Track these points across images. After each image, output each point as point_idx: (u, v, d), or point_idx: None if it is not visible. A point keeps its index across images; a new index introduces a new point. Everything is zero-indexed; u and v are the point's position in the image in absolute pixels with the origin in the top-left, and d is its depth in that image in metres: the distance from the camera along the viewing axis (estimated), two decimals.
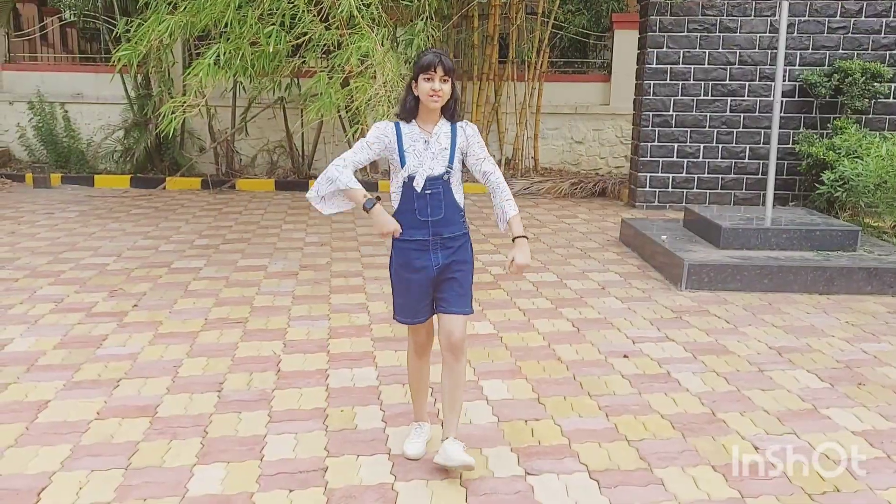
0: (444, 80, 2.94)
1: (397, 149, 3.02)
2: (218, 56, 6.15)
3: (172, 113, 6.40)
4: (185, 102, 6.40)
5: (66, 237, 7.45)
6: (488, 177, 3.12)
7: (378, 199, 3.02)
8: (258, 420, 3.58)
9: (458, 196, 3.10)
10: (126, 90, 11.12)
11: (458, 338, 3.11)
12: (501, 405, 3.79)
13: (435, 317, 3.20)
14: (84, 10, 12.35)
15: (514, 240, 3.11)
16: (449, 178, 3.04)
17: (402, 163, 3.01)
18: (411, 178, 3.01)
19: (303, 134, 11.46)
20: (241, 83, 10.54)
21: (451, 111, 3.04)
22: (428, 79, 2.92)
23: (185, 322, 4.99)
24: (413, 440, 3.28)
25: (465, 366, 3.24)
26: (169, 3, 6.60)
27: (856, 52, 9.01)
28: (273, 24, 6.23)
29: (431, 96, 2.94)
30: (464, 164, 3.14)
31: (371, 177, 11.23)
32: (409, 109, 3.03)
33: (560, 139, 11.89)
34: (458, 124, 3.08)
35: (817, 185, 7.82)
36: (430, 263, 3.06)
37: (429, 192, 3.00)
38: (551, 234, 7.95)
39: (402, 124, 3.05)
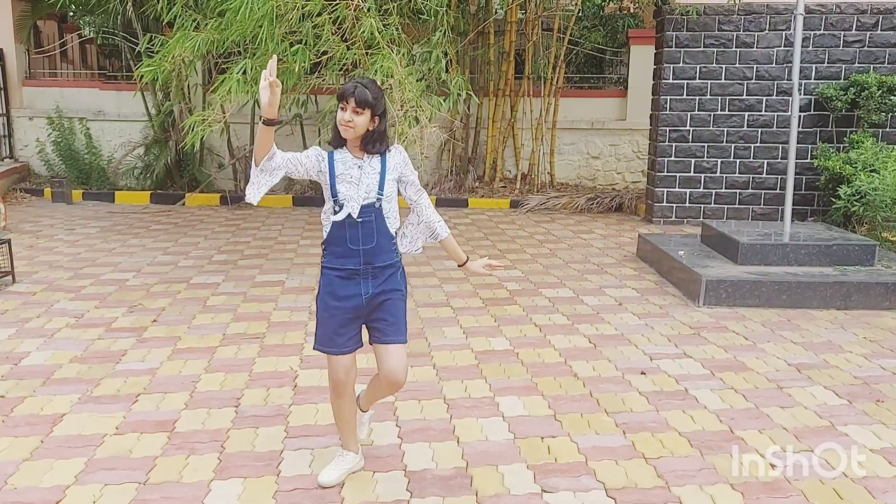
0: (357, 112, 2.86)
1: (329, 177, 2.95)
2: (244, 71, 6.21)
3: (196, 127, 6.46)
4: (206, 119, 6.46)
5: (86, 252, 7.54)
6: (418, 199, 3.15)
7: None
8: (275, 435, 3.60)
9: (392, 224, 3.03)
10: (147, 107, 11.27)
11: (402, 366, 3.03)
12: (517, 421, 3.79)
13: (361, 351, 3.13)
14: (103, 28, 12.54)
15: (462, 265, 3.25)
16: (381, 206, 2.98)
17: (334, 192, 2.95)
18: (342, 207, 2.94)
19: None
20: (258, 101, 10.63)
21: (370, 145, 2.95)
22: (342, 108, 2.88)
23: (204, 337, 5.03)
24: (331, 467, 3.17)
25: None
26: (193, 21, 6.69)
27: (872, 66, 8.97)
28: (298, 41, 6.28)
29: (342, 126, 2.89)
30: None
31: None
32: (337, 136, 2.97)
33: (576, 154, 11.89)
34: (388, 151, 3.02)
35: (834, 200, 7.77)
36: (360, 292, 2.98)
37: (360, 220, 2.94)
38: (567, 250, 7.94)
39: (336, 152, 2.99)
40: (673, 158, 9.42)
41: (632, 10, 12.89)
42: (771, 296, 5.87)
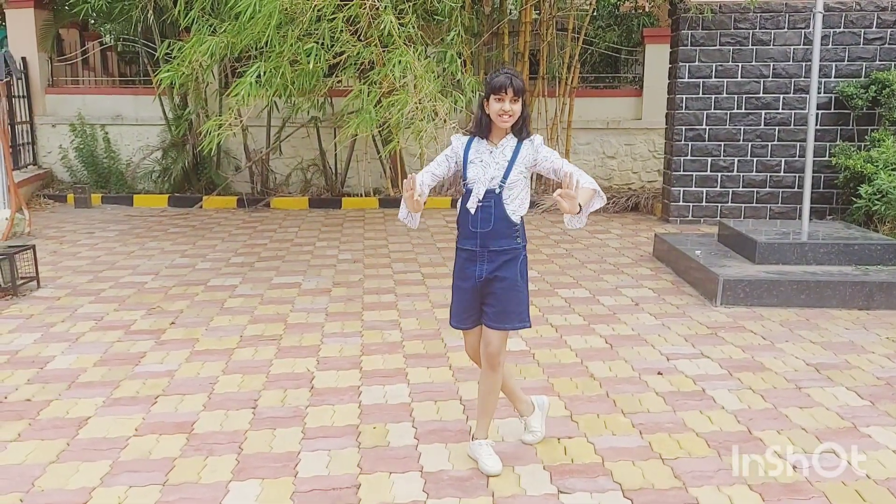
0: (514, 101, 3.03)
1: (463, 158, 3.16)
2: (259, 75, 6.24)
3: (213, 131, 6.50)
4: (223, 123, 6.50)
5: (106, 256, 7.62)
6: (559, 172, 3.12)
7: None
8: (292, 437, 3.62)
9: (513, 210, 3.14)
10: (164, 111, 11.37)
11: (492, 350, 3.22)
12: None
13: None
14: (123, 35, 12.67)
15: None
16: (501, 192, 3.10)
17: (465, 174, 3.14)
18: (469, 191, 3.13)
19: (336, 153, 11.59)
20: (276, 103, 10.69)
21: (518, 128, 3.13)
22: (499, 99, 3.03)
23: (221, 339, 5.06)
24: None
25: (499, 377, 3.31)
26: (210, 25, 6.73)
27: (893, 64, 8.86)
28: (313, 42, 6.31)
29: (501, 116, 3.05)
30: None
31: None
32: (484, 127, 3.14)
33: (592, 154, 11.86)
34: (526, 140, 3.14)
35: (855, 199, 7.70)
36: (475, 273, 3.17)
37: (480, 204, 3.11)
38: (584, 250, 7.92)
39: (475, 139, 3.17)
40: (689, 157, 9.37)
41: (647, 9, 12.83)
42: (789, 295, 5.81)
